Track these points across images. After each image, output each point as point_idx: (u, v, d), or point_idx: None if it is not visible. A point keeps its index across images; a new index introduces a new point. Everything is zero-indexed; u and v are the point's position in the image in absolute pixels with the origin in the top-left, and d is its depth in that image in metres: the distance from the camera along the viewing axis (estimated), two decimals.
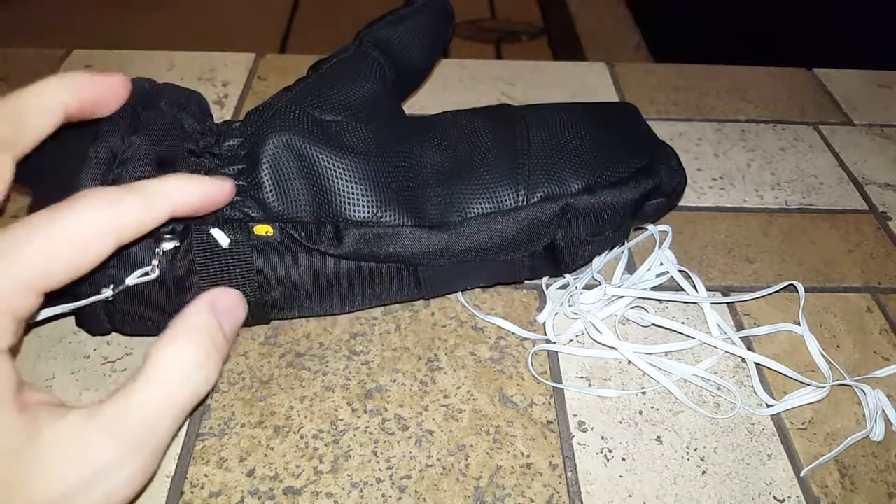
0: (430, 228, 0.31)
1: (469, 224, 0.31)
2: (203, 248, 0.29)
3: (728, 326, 0.35)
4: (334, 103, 0.33)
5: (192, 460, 0.29)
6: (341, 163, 0.31)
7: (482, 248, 0.32)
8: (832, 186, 0.46)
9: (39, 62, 0.53)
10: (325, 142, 0.31)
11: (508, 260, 0.33)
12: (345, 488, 0.28)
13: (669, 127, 0.50)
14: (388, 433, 0.30)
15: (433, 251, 0.31)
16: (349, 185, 0.31)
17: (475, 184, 0.32)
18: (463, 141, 0.34)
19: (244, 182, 0.30)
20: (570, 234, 0.33)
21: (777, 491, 0.29)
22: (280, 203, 0.30)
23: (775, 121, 0.51)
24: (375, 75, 0.35)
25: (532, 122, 0.34)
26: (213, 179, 0.26)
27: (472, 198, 0.32)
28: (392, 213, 0.31)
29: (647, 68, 0.57)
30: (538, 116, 0.35)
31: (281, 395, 0.32)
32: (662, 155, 0.35)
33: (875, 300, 0.38)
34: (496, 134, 0.34)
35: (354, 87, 0.34)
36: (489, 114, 0.36)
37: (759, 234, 0.42)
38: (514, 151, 0.33)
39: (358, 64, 0.35)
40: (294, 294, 0.31)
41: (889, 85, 0.56)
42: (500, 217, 0.31)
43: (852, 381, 0.33)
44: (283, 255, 0.31)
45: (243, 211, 0.30)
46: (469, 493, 0.28)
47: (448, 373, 0.33)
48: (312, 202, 0.30)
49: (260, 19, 1.83)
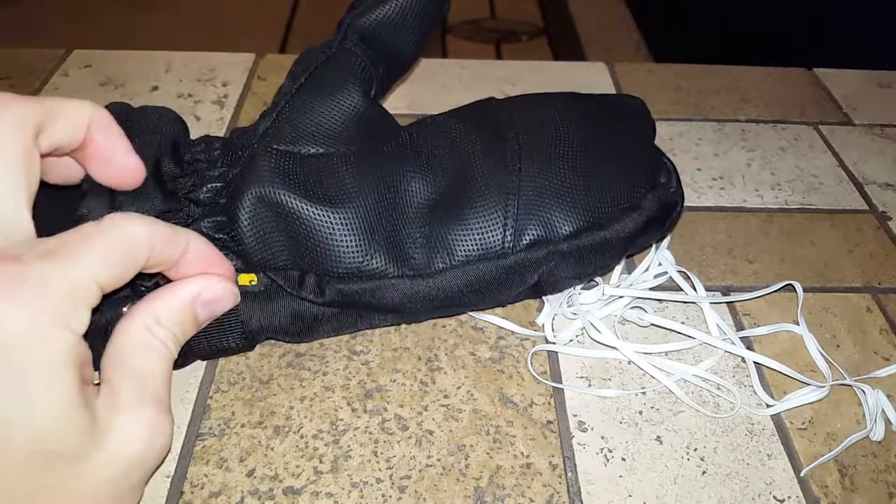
0: (414, 277, 0.30)
1: (454, 271, 0.30)
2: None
3: (728, 326, 0.35)
4: (315, 133, 0.32)
5: (192, 460, 0.29)
6: (323, 215, 0.30)
7: (465, 293, 0.31)
8: (832, 186, 0.46)
9: (39, 62, 0.53)
10: (305, 193, 0.30)
11: (494, 298, 0.32)
12: (345, 488, 0.28)
13: (669, 127, 0.50)
14: (388, 433, 0.30)
15: (417, 298, 0.30)
16: (331, 238, 0.29)
17: (462, 225, 0.31)
18: (452, 162, 0.32)
19: (224, 235, 0.29)
20: (555, 274, 0.32)
21: (777, 491, 0.29)
22: (262, 254, 0.29)
23: (775, 121, 0.51)
24: (360, 80, 0.34)
25: (524, 142, 0.33)
26: (226, 268, 0.28)
27: (458, 241, 0.30)
28: (376, 261, 0.30)
29: (647, 68, 0.57)
30: (531, 130, 0.33)
31: (281, 395, 0.32)
32: (662, 175, 0.34)
33: (875, 300, 0.38)
34: (486, 155, 0.32)
35: (337, 104, 0.33)
36: (480, 121, 0.34)
37: (759, 234, 0.42)
38: (504, 185, 0.31)
39: (341, 68, 0.34)
40: (277, 336, 0.32)
41: (889, 85, 0.56)
42: (487, 263, 0.30)
43: (852, 380, 0.33)
44: (267, 301, 0.30)
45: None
46: (469, 493, 0.28)
47: (448, 373, 0.33)
48: (295, 254, 0.30)
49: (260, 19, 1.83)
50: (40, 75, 0.51)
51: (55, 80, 0.51)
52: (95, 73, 0.52)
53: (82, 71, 0.52)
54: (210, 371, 0.32)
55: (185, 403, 0.31)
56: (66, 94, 0.49)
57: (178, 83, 0.51)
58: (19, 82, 0.50)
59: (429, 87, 0.52)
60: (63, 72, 0.52)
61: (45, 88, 0.50)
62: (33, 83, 0.50)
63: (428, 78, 0.54)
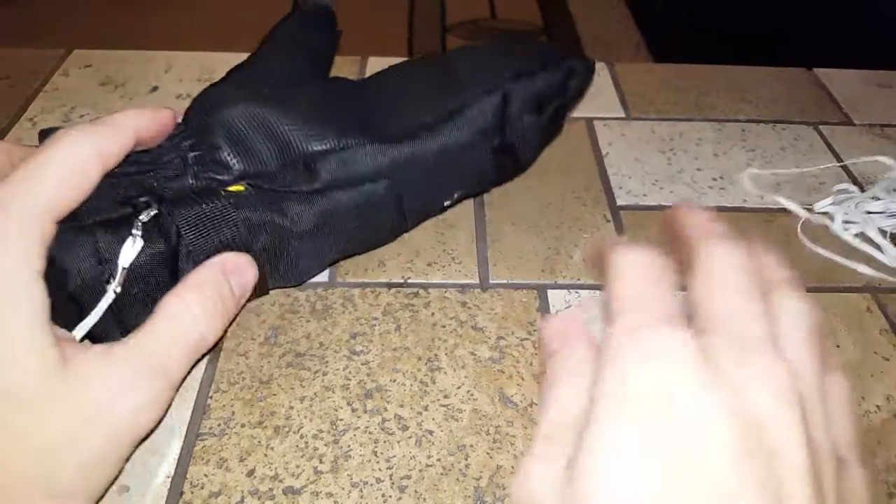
0: (394, 142, 0.34)
1: (429, 130, 0.34)
2: (185, 214, 0.29)
3: None
4: (268, 78, 0.36)
5: (192, 460, 0.29)
6: (292, 108, 0.33)
7: (447, 149, 0.35)
8: (832, 186, 0.45)
9: (39, 62, 0.53)
10: (272, 98, 0.33)
11: (475, 159, 0.36)
12: (345, 488, 0.28)
13: (669, 127, 0.50)
14: (388, 433, 0.30)
15: (402, 162, 0.34)
16: (305, 122, 0.33)
17: (423, 100, 0.36)
18: (400, 81, 0.38)
19: (200, 151, 0.31)
20: (517, 124, 0.37)
21: None
22: (241, 160, 0.31)
23: (775, 121, 0.51)
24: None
25: (453, 55, 0.40)
26: (155, 109, 0.29)
27: (424, 111, 0.35)
28: (354, 136, 0.33)
29: (647, 68, 0.57)
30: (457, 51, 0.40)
31: (281, 395, 0.32)
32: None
33: (875, 300, 0.38)
34: (429, 69, 0.39)
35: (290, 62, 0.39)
36: (416, 64, 0.40)
37: (759, 234, 0.42)
38: (446, 75, 0.38)
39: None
40: (281, 236, 0.32)
41: (889, 85, 0.56)
42: (455, 119, 0.35)
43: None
44: (262, 202, 0.31)
45: (209, 178, 0.31)
46: (469, 493, 0.28)
47: (448, 373, 0.33)
48: (275, 149, 0.32)
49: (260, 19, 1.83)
50: (40, 75, 0.51)
51: (55, 80, 0.51)
52: (95, 73, 0.52)
53: (82, 71, 0.52)
54: (210, 371, 0.32)
55: (185, 403, 0.31)
56: (66, 94, 0.49)
57: (178, 83, 0.51)
58: (19, 82, 0.50)
59: None
60: (63, 72, 0.52)
61: (45, 88, 0.50)
62: (33, 83, 0.50)
63: None
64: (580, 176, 0.45)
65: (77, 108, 0.48)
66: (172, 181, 0.30)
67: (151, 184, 0.29)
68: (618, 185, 0.44)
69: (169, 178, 0.30)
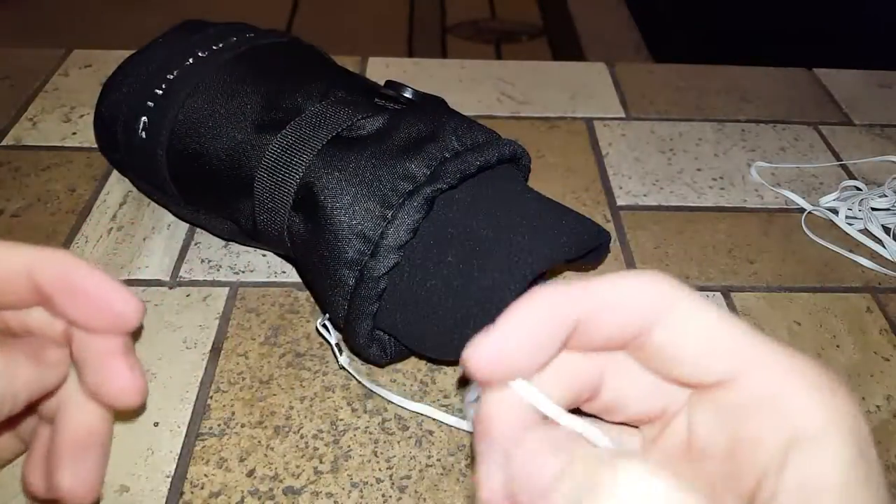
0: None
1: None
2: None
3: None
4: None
5: (192, 460, 0.29)
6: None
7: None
8: (832, 186, 0.45)
9: (39, 62, 0.53)
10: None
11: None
12: (345, 488, 0.28)
13: (669, 127, 0.50)
14: (388, 433, 0.30)
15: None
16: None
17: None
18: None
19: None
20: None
21: None
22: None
23: (775, 121, 0.51)
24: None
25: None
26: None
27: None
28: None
29: (647, 68, 0.57)
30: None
31: (281, 395, 0.32)
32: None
33: (875, 300, 0.38)
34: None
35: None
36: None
37: (759, 234, 0.42)
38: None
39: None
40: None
41: (889, 85, 0.56)
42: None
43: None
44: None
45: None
46: (469, 493, 0.28)
47: (448, 373, 0.33)
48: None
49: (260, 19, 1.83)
50: (40, 75, 0.51)
51: (55, 80, 0.51)
52: (95, 73, 0.52)
53: (82, 71, 0.52)
54: (210, 371, 0.32)
55: (185, 403, 0.31)
56: (66, 94, 0.49)
57: None
58: (19, 82, 0.50)
59: (429, 87, 0.52)
60: (63, 72, 0.52)
61: (45, 88, 0.50)
62: (33, 83, 0.50)
63: (428, 78, 0.54)
64: (580, 176, 0.45)
65: (77, 108, 0.48)
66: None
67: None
68: (618, 185, 0.44)
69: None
